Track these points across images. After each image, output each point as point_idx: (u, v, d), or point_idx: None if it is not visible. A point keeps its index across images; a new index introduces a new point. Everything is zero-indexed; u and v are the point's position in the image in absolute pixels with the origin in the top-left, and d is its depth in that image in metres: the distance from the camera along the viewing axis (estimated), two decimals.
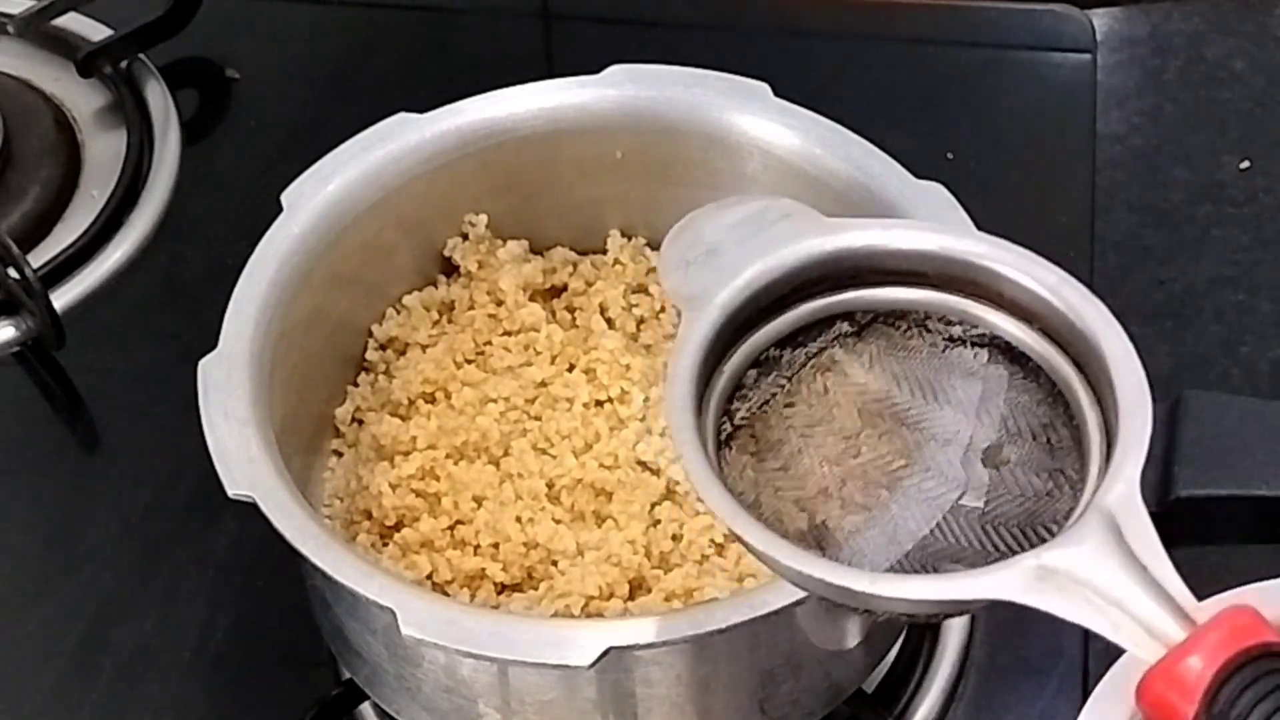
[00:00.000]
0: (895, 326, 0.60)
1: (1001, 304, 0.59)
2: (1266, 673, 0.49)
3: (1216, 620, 0.50)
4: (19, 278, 0.94)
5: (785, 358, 0.60)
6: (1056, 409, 0.57)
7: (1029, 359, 0.58)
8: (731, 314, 0.58)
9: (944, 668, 0.83)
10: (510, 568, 0.76)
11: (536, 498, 0.78)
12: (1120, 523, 0.52)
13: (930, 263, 0.59)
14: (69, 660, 0.85)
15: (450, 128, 0.83)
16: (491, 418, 0.80)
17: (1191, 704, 0.49)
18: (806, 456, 0.59)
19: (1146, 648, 0.51)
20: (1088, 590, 0.51)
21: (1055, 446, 0.57)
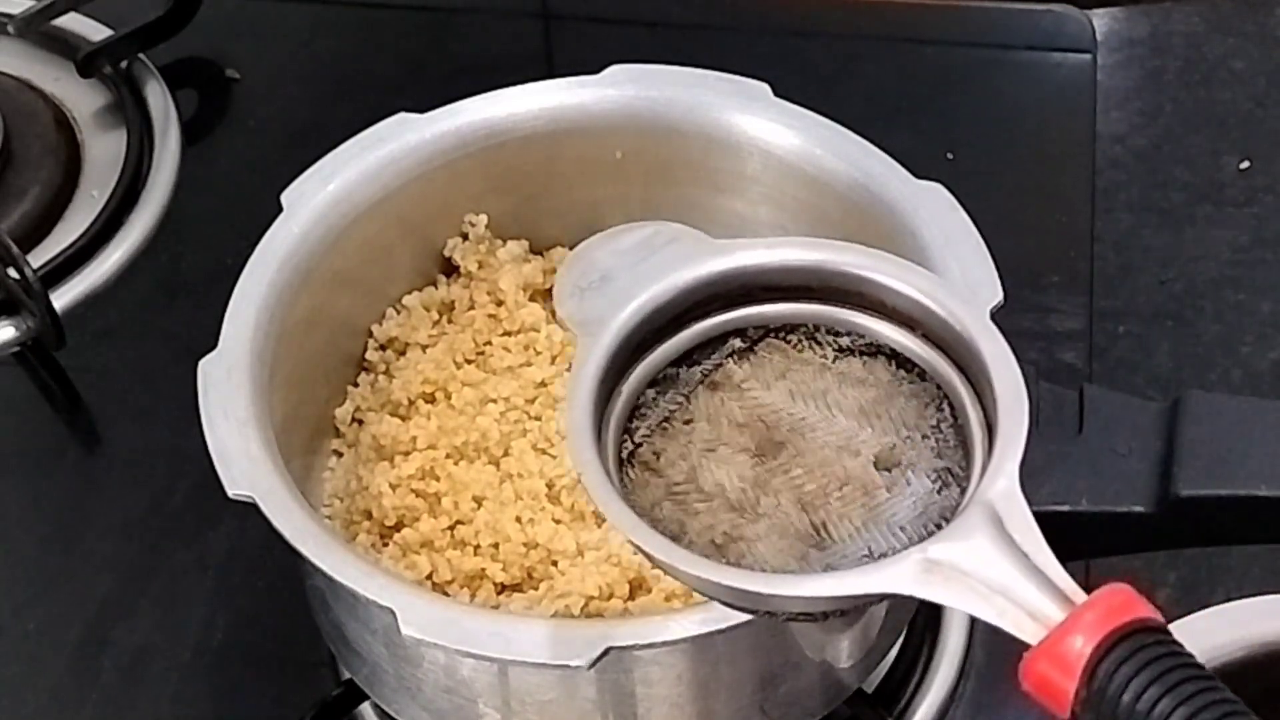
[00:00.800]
0: (786, 340, 0.63)
1: (885, 313, 0.61)
2: (1142, 646, 0.51)
3: (1093, 600, 0.52)
4: (19, 278, 0.94)
5: (681, 376, 0.62)
6: (942, 411, 0.60)
7: (914, 364, 0.61)
8: (626, 336, 0.61)
9: (944, 668, 0.83)
10: (510, 568, 0.76)
11: (536, 498, 0.78)
12: (1002, 515, 0.54)
13: (815, 277, 0.62)
14: (69, 660, 0.85)
15: (450, 128, 0.83)
16: (491, 418, 0.80)
17: (1073, 680, 0.51)
18: (706, 470, 0.61)
19: (1030, 631, 0.53)
20: (972, 580, 0.54)
21: (942, 446, 0.60)
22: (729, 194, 0.84)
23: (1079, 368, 0.92)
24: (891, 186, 0.78)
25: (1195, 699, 0.50)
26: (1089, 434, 0.72)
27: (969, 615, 0.83)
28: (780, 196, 0.82)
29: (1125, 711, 0.51)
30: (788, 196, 0.82)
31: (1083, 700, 0.51)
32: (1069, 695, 0.52)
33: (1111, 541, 0.65)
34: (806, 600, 0.57)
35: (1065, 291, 0.95)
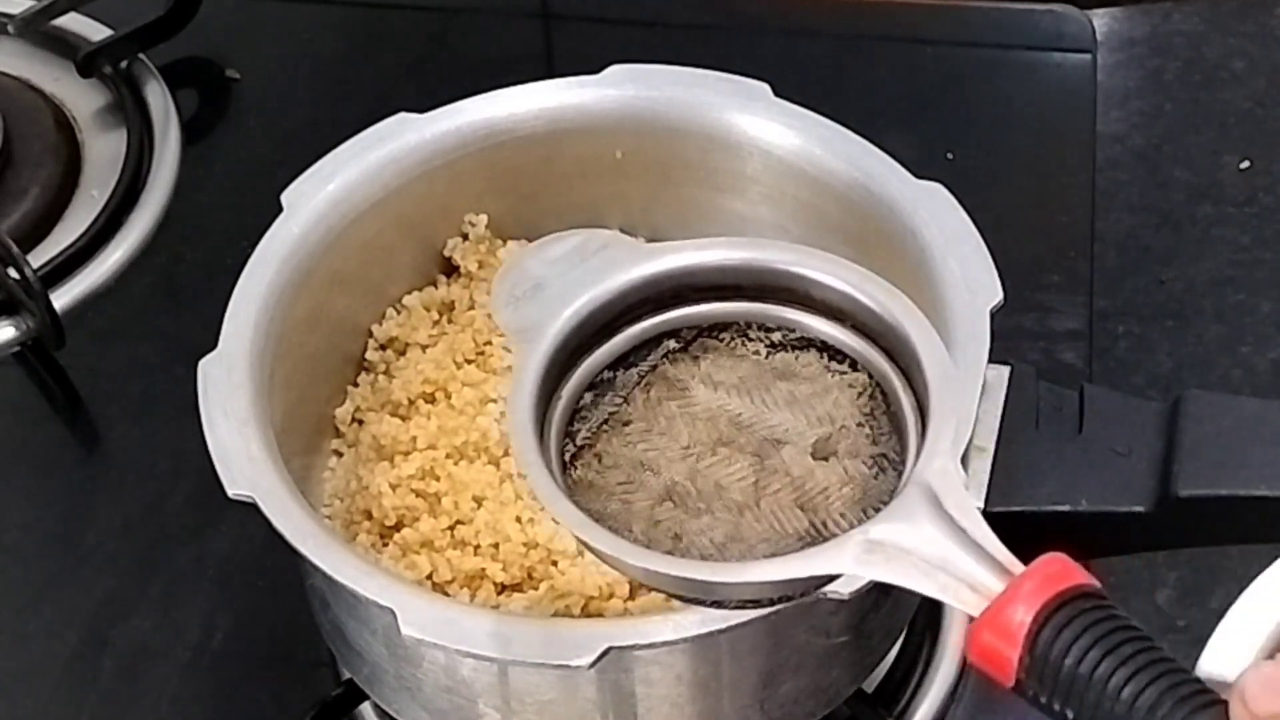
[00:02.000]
0: (719, 339, 0.64)
1: (814, 307, 0.63)
2: (1081, 612, 0.52)
3: (1031, 570, 0.54)
4: (19, 278, 0.94)
5: (619, 378, 0.64)
6: (875, 399, 0.62)
7: (845, 355, 0.62)
8: (562, 342, 0.62)
9: (944, 668, 0.83)
10: (510, 568, 0.76)
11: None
12: (939, 493, 0.56)
13: (743, 275, 0.63)
14: (69, 660, 0.85)
15: (450, 128, 0.83)
16: (491, 418, 0.80)
17: (1015, 648, 0.53)
18: (648, 468, 0.63)
19: (972, 603, 0.54)
20: (913, 557, 0.55)
21: (877, 433, 0.61)
22: (729, 194, 0.84)
23: (1079, 368, 0.92)
24: (891, 186, 0.78)
25: (1134, 659, 0.52)
26: (1089, 434, 0.72)
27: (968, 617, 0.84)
28: (780, 196, 0.82)
29: (1067, 674, 0.52)
30: (788, 196, 0.82)
31: (1026, 666, 0.53)
32: (1013, 663, 0.53)
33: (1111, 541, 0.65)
34: (752, 586, 0.58)
35: (1065, 291, 0.95)
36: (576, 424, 0.63)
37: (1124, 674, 0.52)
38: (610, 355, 0.64)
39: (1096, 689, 0.52)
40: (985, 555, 0.55)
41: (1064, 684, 0.53)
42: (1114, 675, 0.52)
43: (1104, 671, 0.52)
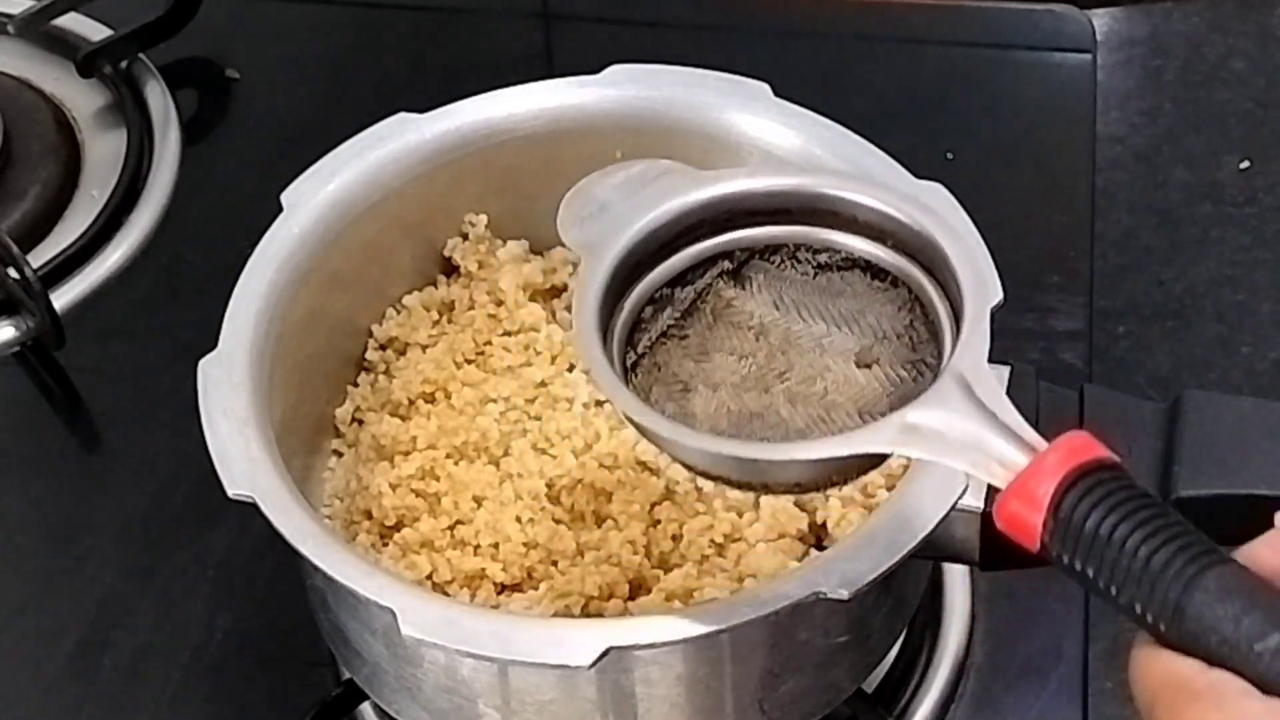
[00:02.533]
0: (770, 260, 0.68)
1: (858, 228, 0.67)
2: (1101, 481, 0.56)
3: (1056, 445, 0.57)
4: (19, 277, 0.94)
5: (676, 295, 0.68)
6: (914, 311, 0.66)
7: (887, 273, 0.66)
8: (624, 258, 0.66)
9: (944, 668, 0.83)
10: (510, 568, 0.76)
11: (536, 498, 0.78)
12: (971, 383, 0.60)
13: (792, 200, 0.67)
14: (69, 660, 0.85)
15: (450, 128, 0.83)
16: (491, 418, 0.80)
17: (1039, 513, 0.56)
18: (703, 377, 0.67)
19: (1001, 477, 0.58)
20: (946, 438, 0.59)
21: (916, 342, 0.66)
22: None
23: (1079, 368, 0.92)
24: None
25: (1150, 523, 0.56)
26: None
27: (968, 619, 0.84)
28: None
29: (1088, 537, 0.56)
30: None
31: (1050, 530, 0.56)
32: (1037, 528, 0.57)
33: None
34: (799, 465, 0.62)
35: (1065, 291, 0.95)
36: (637, 335, 0.67)
37: (1140, 535, 0.55)
38: (669, 273, 0.67)
39: (1114, 549, 0.55)
40: (1013, 435, 0.58)
41: (1084, 545, 0.56)
42: (1130, 536, 0.55)
43: (1122, 534, 0.55)
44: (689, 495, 0.78)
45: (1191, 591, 0.55)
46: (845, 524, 0.75)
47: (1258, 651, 0.54)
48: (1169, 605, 0.55)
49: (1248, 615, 0.54)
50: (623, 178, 0.69)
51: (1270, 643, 0.54)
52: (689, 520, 0.77)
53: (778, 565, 0.75)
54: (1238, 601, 0.54)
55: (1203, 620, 0.54)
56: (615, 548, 0.76)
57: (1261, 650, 0.54)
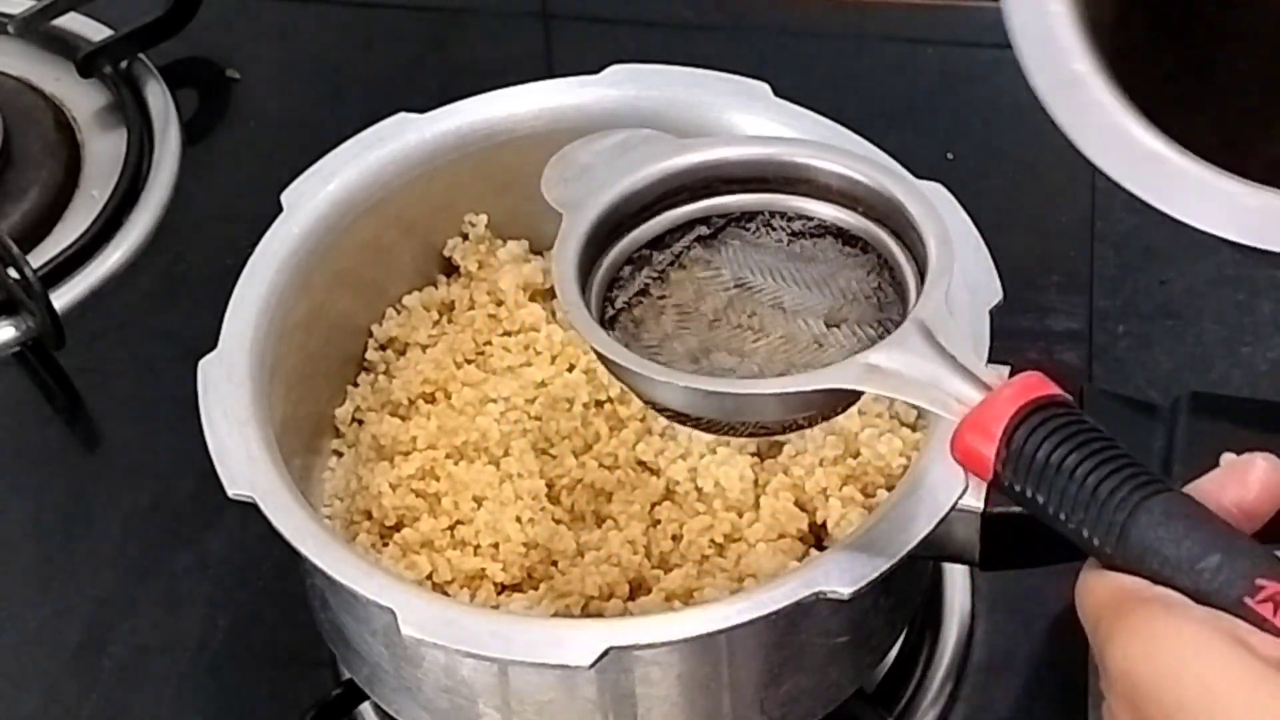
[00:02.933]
0: (745, 227, 0.71)
1: (830, 196, 0.70)
2: (1052, 415, 0.59)
3: (1010, 382, 0.60)
4: (19, 278, 0.94)
5: (654, 257, 0.70)
6: (883, 275, 0.69)
7: (857, 238, 0.69)
8: (604, 217, 0.69)
9: (944, 668, 0.83)
10: (510, 568, 0.76)
11: (536, 498, 0.78)
12: (933, 329, 0.63)
13: (768, 168, 0.70)
14: (69, 660, 0.85)
15: (450, 128, 0.83)
16: (491, 418, 0.80)
17: (992, 444, 0.59)
18: (677, 334, 0.69)
19: (957, 411, 0.61)
20: (906, 376, 0.62)
21: (883, 302, 0.68)
22: None
23: (1079, 368, 0.92)
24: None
25: (1099, 454, 0.58)
26: None
27: (968, 619, 0.84)
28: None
29: (1038, 467, 0.58)
30: None
31: (1002, 460, 0.59)
32: (990, 459, 0.59)
33: None
34: (768, 401, 0.64)
35: (1065, 291, 0.95)
36: (615, 291, 0.69)
37: (1089, 465, 0.58)
38: (647, 235, 0.70)
39: (1063, 478, 0.58)
40: (970, 375, 0.61)
41: (1034, 474, 0.58)
42: (1080, 466, 0.58)
43: (1071, 463, 0.58)
44: (689, 495, 0.78)
45: (1136, 515, 0.57)
46: (845, 524, 0.75)
47: (1198, 569, 0.56)
48: (1114, 529, 0.57)
49: (1188, 538, 0.56)
50: (606, 144, 0.71)
51: (1210, 562, 0.56)
52: (689, 520, 0.77)
53: (778, 565, 0.75)
54: (1179, 525, 0.57)
55: (1145, 542, 0.57)
56: (615, 548, 0.76)
57: (1202, 568, 0.56)
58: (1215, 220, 0.66)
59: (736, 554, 0.76)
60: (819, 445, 0.78)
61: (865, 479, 0.77)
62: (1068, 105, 0.69)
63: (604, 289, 0.69)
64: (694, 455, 0.78)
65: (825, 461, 0.78)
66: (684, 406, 0.66)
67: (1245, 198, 0.66)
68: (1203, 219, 0.66)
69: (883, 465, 0.77)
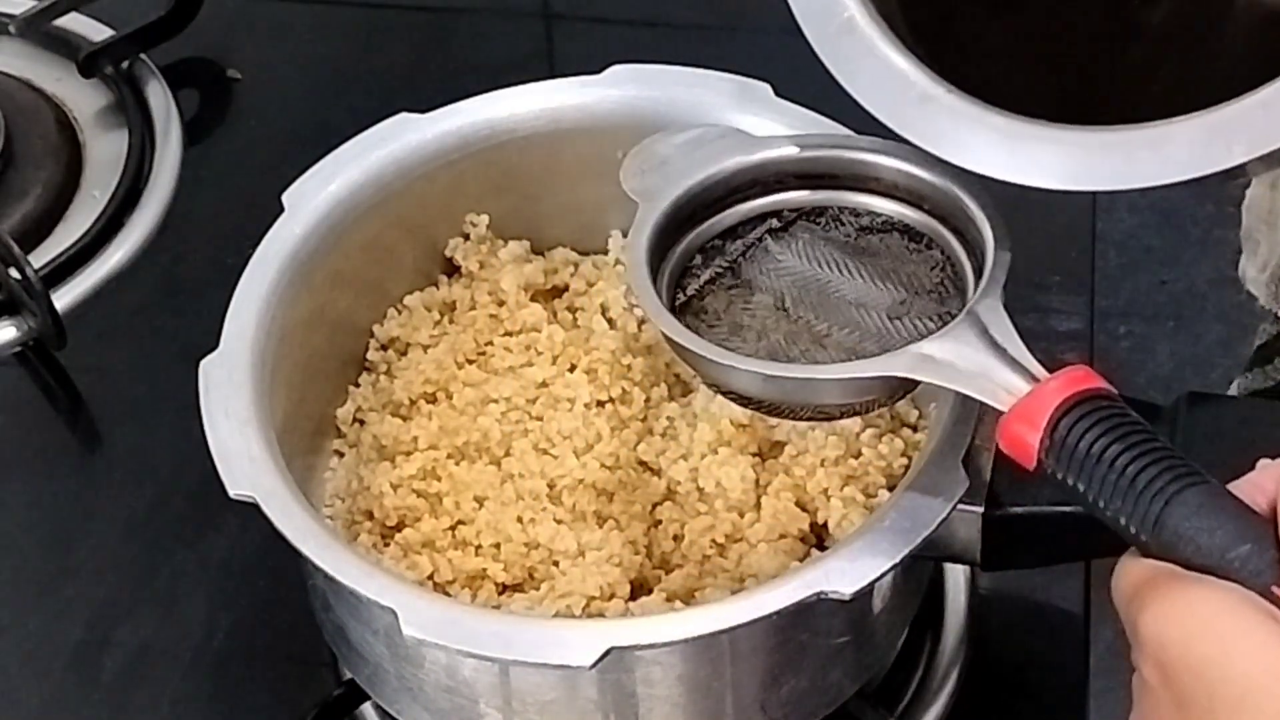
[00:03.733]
0: (815, 222, 0.74)
1: (897, 194, 0.73)
2: (1096, 408, 0.62)
3: (1057, 375, 0.63)
4: (20, 278, 0.94)
5: (726, 247, 0.73)
6: (945, 270, 0.72)
7: (922, 234, 0.72)
8: (678, 208, 0.73)
9: (944, 668, 0.83)
10: (511, 568, 0.76)
11: (538, 498, 0.78)
12: (986, 323, 0.66)
13: (838, 165, 0.74)
14: (69, 660, 0.85)
15: (451, 128, 0.83)
16: (493, 418, 0.80)
17: (1037, 433, 0.62)
18: (745, 323, 0.72)
19: (1006, 401, 0.64)
20: (957, 366, 0.65)
21: (944, 297, 0.71)
22: None
23: None
24: None
25: (1138, 445, 0.61)
26: None
27: (968, 619, 0.84)
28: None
29: (1080, 456, 0.61)
30: None
31: (1046, 449, 0.62)
32: (1035, 447, 0.62)
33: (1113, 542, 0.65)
34: (828, 384, 0.68)
35: (1066, 291, 0.95)
36: (686, 280, 0.72)
37: (1129, 456, 0.60)
38: (720, 227, 0.74)
39: (1104, 467, 0.61)
40: (1019, 366, 0.64)
41: (1076, 463, 0.61)
42: (1120, 456, 0.60)
43: (1112, 453, 0.61)
44: (690, 496, 0.78)
45: (1172, 506, 0.59)
46: (846, 524, 0.75)
47: (1230, 558, 0.58)
48: (1150, 517, 0.59)
49: (1221, 528, 0.59)
50: (683, 138, 0.75)
51: (1241, 550, 0.58)
52: (690, 521, 0.77)
53: (779, 566, 0.75)
54: (1213, 516, 0.59)
55: (1180, 531, 0.59)
56: (616, 548, 0.76)
57: (1233, 557, 0.58)
58: (983, 158, 0.68)
59: (738, 554, 0.76)
60: (820, 446, 0.78)
61: (866, 479, 0.77)
62: (838, 52, 0.70)
63: (676, 277, 0.72)
64: (695, 455, 0.78)
65: (826, 462, 0.78)
66: (747, 390, 0.69)
67: (1014, 134, 0.68)
68: (970, 158, 0.68)
69: (884, 466, 0.77)
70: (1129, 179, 0.66)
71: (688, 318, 0.71)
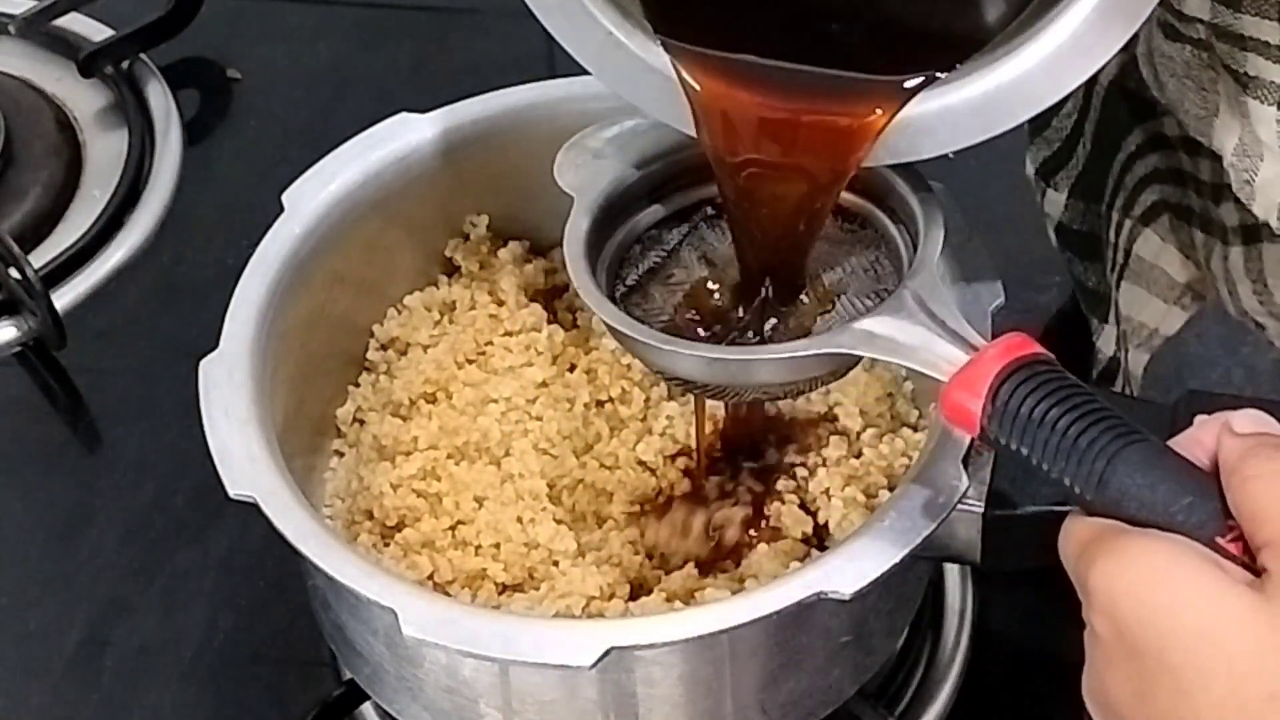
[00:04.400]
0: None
1: None
2: (1035, 372, 0.62)
3: (995, 343, 0.63)
4: (20, 278, 0.94)
5: (663, 236, 0.74)
6: (880, 249, 0.72)
7: (856, 215, 0.72)
8: (612, 199, 0.73)
9: (944, 668, 0.83)
10: (511, 568, 0.76)
11: (537, 498, 0.78)
12: (923, 297, 0.66)
13: None
14: (69, 660, 0.85)
15: (451, 128, 0.83)
16: (492, 418, 0.80)
17: (979, 399, 0.62)
18: (685, 308, 0.72)
19: (946, 372, 0.64)
20: (898, 340, 0.66)
21: (879, 274, 0.72)
22: None
23: (1080, 368, 0.92)
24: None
25: (1079, 407, 0.61)
26: None
27: (968, 619, 0.84)
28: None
29: (1022, 420, 0.61)
30: None
31: (988, 415, 0.62)
32: (977, 414, 0.62)
33: None
34: (771, 364, 0.68)
35: (1066, 292, 0.95)
36: (625, 269, 0.73)
37: (1070, 418, 0.61)
38: (655, 217, 0.74)
39: (1046, 430, 0.61)
40: (958, 338, 0.65)
41: (1019, 427, 0.61)
42: (1062, 419, 0.61)
43: (1053, 416, 0.61)
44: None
45: (1114, 464, 0.60)
46: (847, 525, 0.75)
47: (1173, 512, 0.59)
48: (1094, 476, 0.60)
49: (1164, 483, 0.59)
50: (614, 131, 0.74)
51: (1184, 503, 0.59)
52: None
53: (778, 566, 0.75)
54: (1155, 471, 0.59)
55: (1124, 488, 0.59)
56: (616, 548, 0.76)
57: (1177, 510, 0.59)
58: (654, 104, 0.69)
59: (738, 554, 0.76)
60: (821, 446, 0.78)
61: (867, 480, 0.77)
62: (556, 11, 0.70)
63: (614, 266, 0.72)
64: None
65: (827, 462, 0.78)
66: (690, 374, 0.69)
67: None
68: (644, 102, 0.69)
69: (884, 466, 0.77)
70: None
71: (628, 305, 0.72)
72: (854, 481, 0.77)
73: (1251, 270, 0.82)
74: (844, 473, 0.77)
